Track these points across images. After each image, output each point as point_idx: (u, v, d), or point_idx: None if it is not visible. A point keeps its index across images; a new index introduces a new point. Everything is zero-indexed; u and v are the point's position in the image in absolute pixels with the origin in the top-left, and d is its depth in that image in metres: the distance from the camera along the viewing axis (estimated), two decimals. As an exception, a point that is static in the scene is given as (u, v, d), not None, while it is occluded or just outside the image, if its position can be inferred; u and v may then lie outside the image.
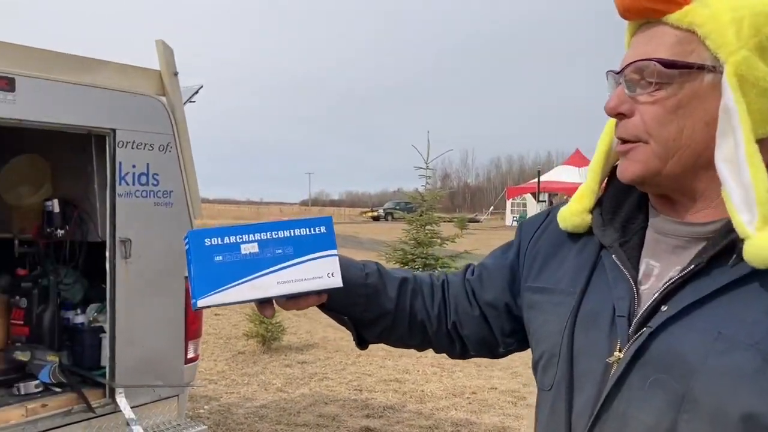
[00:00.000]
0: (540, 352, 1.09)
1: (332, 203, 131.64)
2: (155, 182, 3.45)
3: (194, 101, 4.16)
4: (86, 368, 3.47)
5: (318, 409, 5.61)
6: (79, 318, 3.64)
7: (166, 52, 3.56)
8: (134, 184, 3.36)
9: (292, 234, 1.04)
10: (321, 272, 1.04)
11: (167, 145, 3.49)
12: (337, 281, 1.04)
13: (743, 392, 0.83)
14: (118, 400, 3.30)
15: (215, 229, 1.02)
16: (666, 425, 0.88)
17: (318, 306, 1.13)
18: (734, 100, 0.89)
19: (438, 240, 10.45)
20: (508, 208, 45.20)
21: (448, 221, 16.88)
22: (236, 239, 1.02)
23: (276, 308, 1.08)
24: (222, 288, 1.00)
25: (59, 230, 3.63)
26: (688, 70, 0.92)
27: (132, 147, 3.34)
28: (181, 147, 3.57)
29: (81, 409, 3.21)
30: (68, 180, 3.70)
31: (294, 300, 1.07)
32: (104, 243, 3.35)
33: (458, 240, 10.75)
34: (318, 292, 1.07)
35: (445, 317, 1.23)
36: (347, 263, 1.16)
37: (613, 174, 1.08)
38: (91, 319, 3.63)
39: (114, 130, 3.26)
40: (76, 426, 3.17)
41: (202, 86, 4.16)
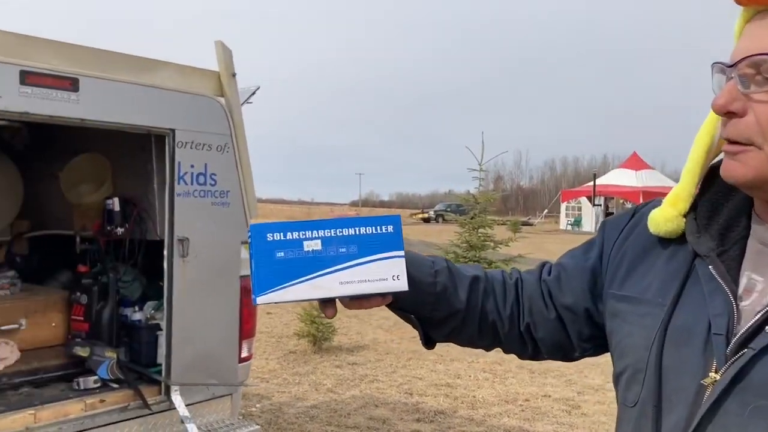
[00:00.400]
0: (623, 366, 1.02)
1: (382, 204, 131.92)
2: (213, 182, 3.48)
3: (251, 102, 4.19)
4: (143, 365, 3.52)
5: (368, 412, 5.59)
6: (137, 315, 3.69)
7: (225, 54, 3.58)
8: (192, 184, 3.39)
9: (357, 232, 1.00)
10: (386, 274, 0.99)
11: (225, 146, 3.51)
12: (403, 284, 1.00)
13: None
14: (173, 398, 3.33)
15: (278, 224, 0.99)
16: None
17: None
18: None
19: (491, 243, 10.33)
20: (563, 212, 44.61)
21: (501, 224, 16.69)
22: (299, 235, 0.98)
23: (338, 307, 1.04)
24: (282, 285, 0.97)
25: (119, 228, 3.69)
26: None
27: (191, 147, 3.37)
28: (238, 147, 3.58)
29: (137, 406, 3.25)
30: (128, 179, 3.76)
31: (357, 300, 1.03)
32: (162, 241, 3.39)
33: (511, 243, 10.60)
34: (382, 294, 1.02)
35: (518, 318, 1.17)
36: (416, 260, 1.10)
37: (710, 174, 0.99)
38: (149, 317, 3.68)
39: (173, 131, 3.29)
40: (133, 422, 3.21)
41: (259, 87, 4.18)
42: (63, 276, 4.17)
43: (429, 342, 1.20)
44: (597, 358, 1.23)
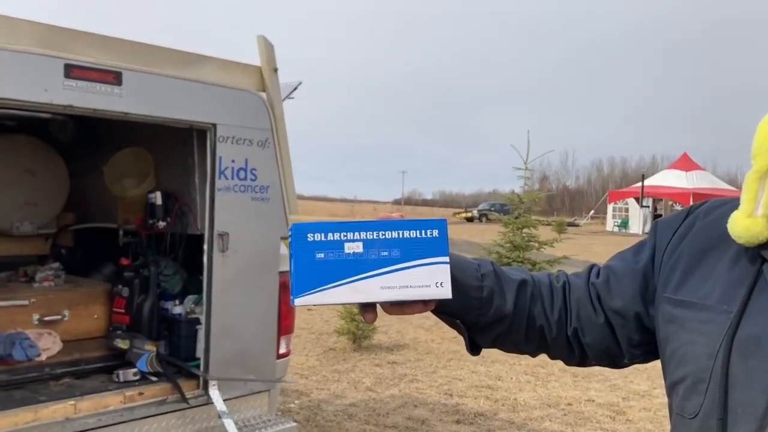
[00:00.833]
0: (681, 375, 0.96)
1: (425, 203, 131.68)
2: (253, 177, 3.46)
3: (293, 98, 4.17)
4: (182, 359, 3.53)
5: (407, 412, 5.53)
6: (177, 309, 3.71)
7: (267, 48, 3.56)
8: (233, 179, 3.38)
9: (401, 236, 0.95)
10: (429, 281, 0.95)
11: (265, 141, 3.49)
12: (446, 292, 0.95)
13: None
14: (211, 392, 3.33)
15: (319, 224, 0.96)
16: None
17: None
18: None
19: (535, 244, 10.17)
20: (609, 213, 43.85)
21: (546, 225, 16.45)
22: (340, 237, 0.95)
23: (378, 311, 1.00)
24: (321, 288, 0.94)
25: (161, 222, 3.71)
26: None
27: (232, 142, 3.36)
28: (279, 143, 3.57)
29: (175, 399, 3.26)
30: (170, 173, 3.78)
31: (398, 306, 0.99)
32: (203, 236, 3.39)
33: (556, 244, 10.42)
34: (424, 301, 0.98)
35: (566, 323, 1.12)
36: (461, 263, 1.06)
37: None
38: (189, 311, 3.69)
39: (215, 125, 3.29)
40: (170, 416, 3.22)
41: (301, 83, 4.16)
42: (107, 269, 4.22)
43: (474, 348, 1.15)
44: (644, 363, 1.17)
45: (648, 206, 39.54)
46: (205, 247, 3.34)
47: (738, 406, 0.87)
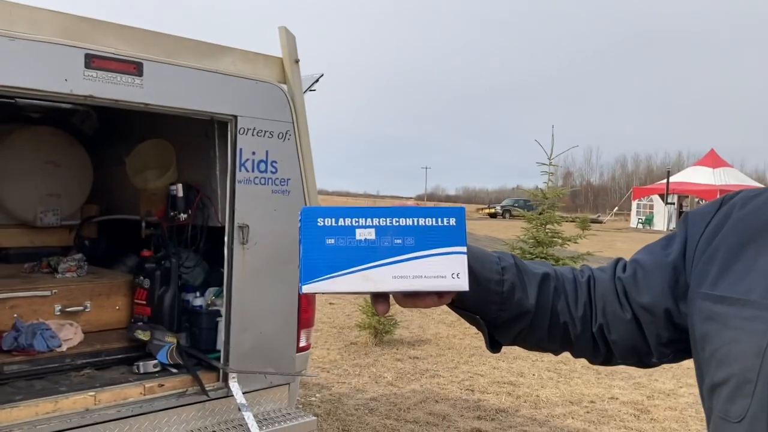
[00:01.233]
0: (724, 376, 0.90)
1: (448, 199, 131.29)
2: (273, 170, 3.44)
3: (314, 90, 4.14)
4: (203, 351, 3.52)
5: (428, 407, 5.49)
6: (198, 301, 3.71)
7: (289, 39, 3.53)
8: (253, 171, 3.36)
9: (416, 223, 0.91)
10: (444, 271, 0.90)
11: (286, 133, 3.47)
12: (463, 284, 0.90)
13: None
14: (231, 385, 3.32)
15: (330, 209, 0.91)
16: None
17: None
18: None
19: (559, 240, 10.06)
20: (634, 210, 43.41)
21: (570, 221, 16.29)
22: (351, 222, 0.91)
23: (391, 303, 0.95)
24: (331, 275, 0.89)
25: (182, 214, 3.71)
26: None
27: (252, 134, 3.34)
28: (300, 135, 3.54)
29: (195, 392, 3.25)
30: (192, 165, 3.77)
31: (411, 297, 0.94)
32: (224, 228, 3.38)
33: (580, 241, 10.30)
34: (439, 293, 0.93)
35: (591, 320, 1.06)
36: (480, 255, 1.01)
37: None
38: (209, 303, 3.69)
39: (236, 117, 3.27)
40: (190, 408, 3.22)
41: (323, 75, 4.13)
42: (130, 260, 4.23)
43: (494, 345, 1.10)
44: (673, 363, 1.11)
45: (673, 203, 39.06)
46: (226, 240, 3.33)
47: None
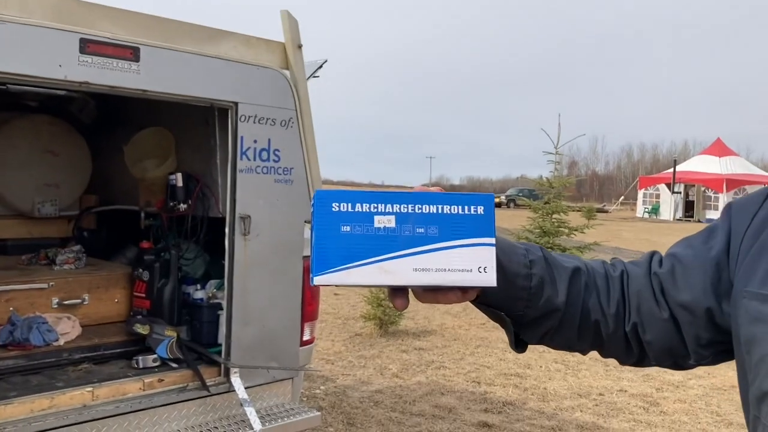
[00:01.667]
0: None
1: (453, 188, 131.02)
2: (276, 158, 3.34)
3: (318, 76, 4.04)
4: (204, 344, 3.44)
5: (434, 399, 5.41)
6: (199, 294, 3.62)
7: (291, 23, 3.42)
8: (255, 160, 3.26)
9: (440, 211, 0.82)
10: (470, 264, 0.81)
11: (289, 121, 3.37)
12: (490, 279, 0.81)
13: None
14: (233, 380, 3.23)
15: (346, 192, 0.82)
16: None
17: None
18: None
19: (565, 229, 9.96)
20: (640, 199, 43.25)
21: (576, 210, 16.17)
22: (370, 208, 0.82)
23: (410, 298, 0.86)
24: (346, 266, 0.81)
25: (182, 204, 3.61)
26: None
27: (254, 121, 3.24)
28: (303, 123, 3.44)
29: (196, 387, 3.17)
30: (192, 154, 3.67)
31: (432, 292, 0.85)
32: (225, 219, 3.28)
33: (586, 230, 10.20)
34: (463, 289, 0.84)
35: (624, 318, 0.97)
36: (506, 246, 0.92)
37: None
38: (210, 295, 3.60)
39: (236, 104, 3.17)
40: (191, 403, 3.13)
41: (327, 61, 4.02)
42: (129, 252, 4.14)
43: (519, 345, 1.01)
44: (711, 365, 1.02)
45: (680, 192, 38.90)
46: (227, 231, 3.24)
47: None
